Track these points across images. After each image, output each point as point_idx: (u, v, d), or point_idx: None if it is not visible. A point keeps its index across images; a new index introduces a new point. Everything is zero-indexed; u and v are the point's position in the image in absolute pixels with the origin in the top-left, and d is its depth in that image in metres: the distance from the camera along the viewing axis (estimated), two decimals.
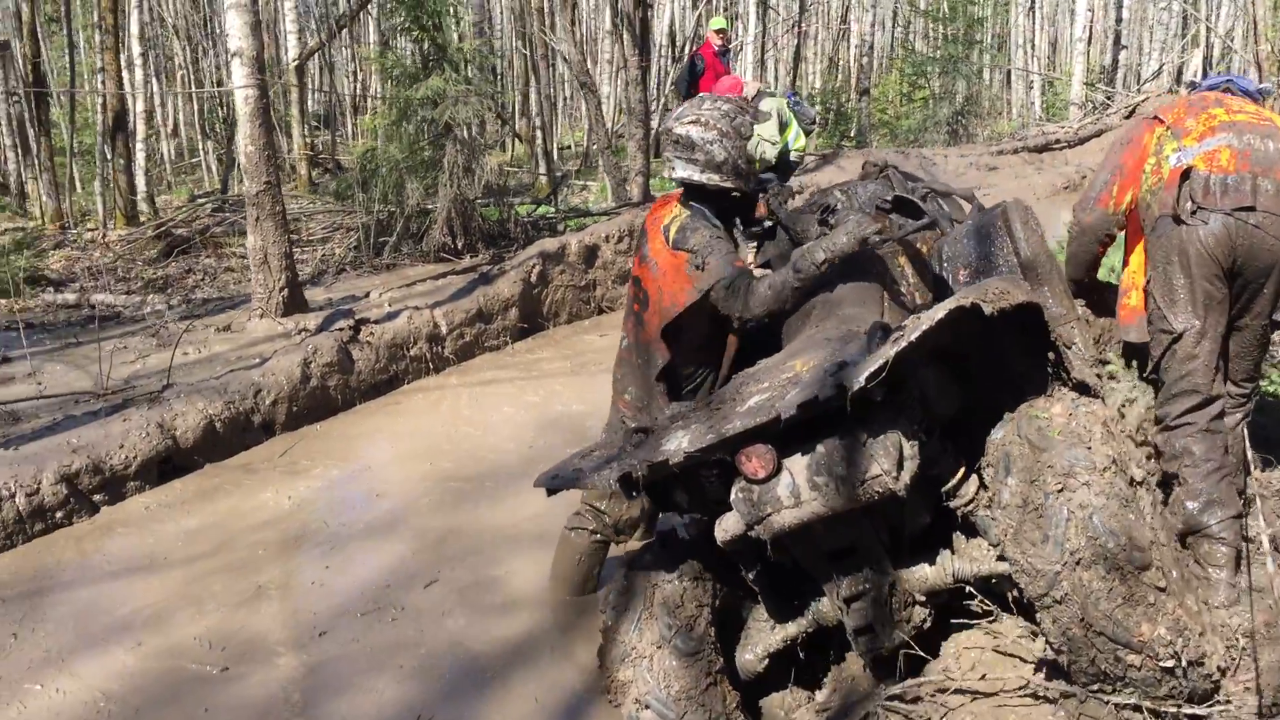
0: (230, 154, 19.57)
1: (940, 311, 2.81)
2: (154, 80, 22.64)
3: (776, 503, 3.00)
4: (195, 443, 6.19)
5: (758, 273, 3.86)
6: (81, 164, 17.81)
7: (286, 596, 4.79)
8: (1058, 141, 17.59)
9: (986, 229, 3.70)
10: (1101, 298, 4.47)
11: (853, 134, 21.24)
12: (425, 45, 10.50)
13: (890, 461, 2.93)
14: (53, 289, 10.53)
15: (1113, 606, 2.85)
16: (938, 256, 3.96)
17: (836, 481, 2.95)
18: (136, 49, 17.74)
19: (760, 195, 4.23)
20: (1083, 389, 3.26)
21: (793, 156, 8.06)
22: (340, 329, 7.41)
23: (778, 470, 3.01)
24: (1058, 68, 31.79)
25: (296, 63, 18.36)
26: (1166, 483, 3.81)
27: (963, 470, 3.28)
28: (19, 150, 17.06)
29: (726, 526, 3.18)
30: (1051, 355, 3.29)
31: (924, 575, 3.37)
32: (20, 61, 16.25)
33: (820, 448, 2.99)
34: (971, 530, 3.32)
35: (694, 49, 16.22)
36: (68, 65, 17.47)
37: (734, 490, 3.10)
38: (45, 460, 5.52)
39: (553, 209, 12.93)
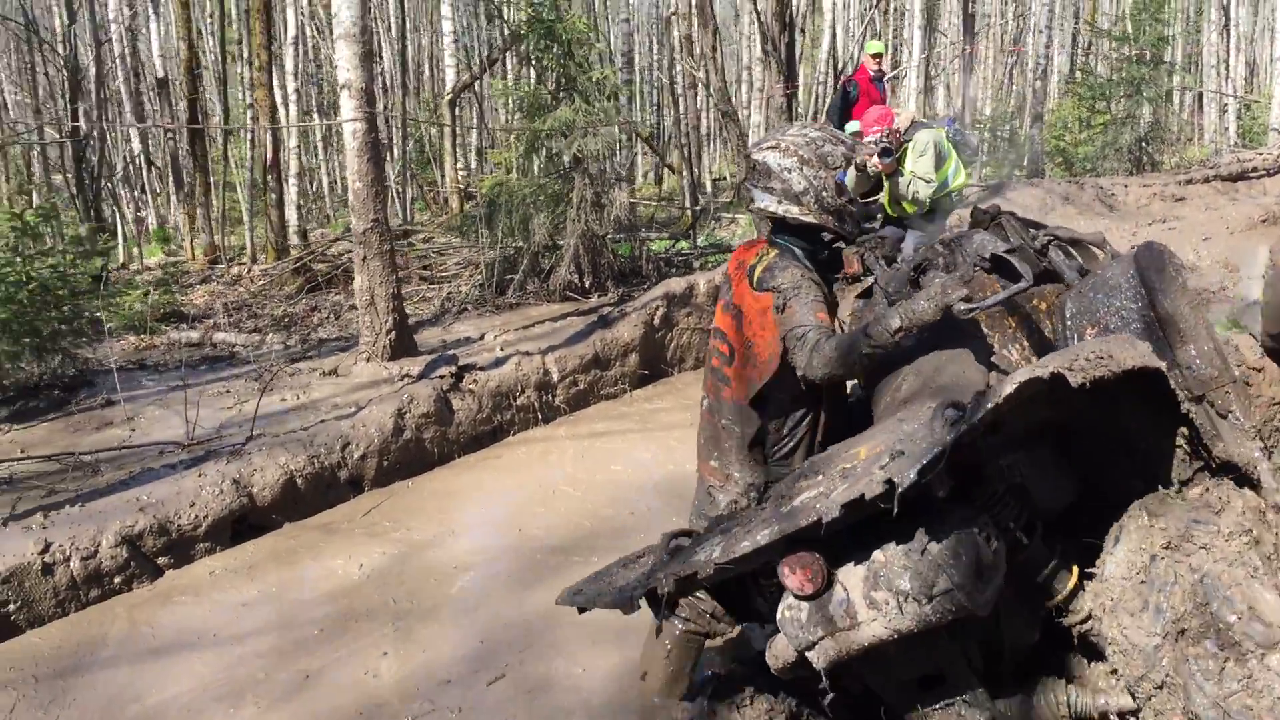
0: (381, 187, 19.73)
1: (1009, 386, 2.38)
2: (315, 114, 23.16)
3: (829, 624, 2.56)
4: (273, 500, 5.78)
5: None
6: (235, 199, 18.18)
7: (333, 690, 4.25)
8: (1254, 169, 15.97)
9: (1117, 279, 3.04)
10: None
11: (1024, 163, 19.94)
12: (556, 75, 10.06)
13: (964, 573, 2.46)
14: (185, 325, 10.47)
15: (1225, 693, 2.33)
16: (1060, 314, 3.21)
17: (899, 598, 2.48)
18: (291, 85, 18.10)
19: (855, 247, 3.54)
20: (1231, 471, 2.67)
21: (953, 194, 7.18)
22: (440, 376, 6.94)
23: (829, 584, 2.58)
24: (1256, 90, 29.48)
25: (449, 96, 18.37)
26: None
27: (1076, 577, 2.77)
28: (173, 186, 17.51)
29: (777, 652, 2.76)
30: (1186, 430, 2.73)
31: (1031, 709, 2.78)
32: (177, 98, 16.66)
33: (879, 555, 2.54)
34: (1094, 652, 2.81)
35: (848, 74, 15.45)
36: (219, 100, 17.86)
37: (780, 608, 2.67)
38: (107, 520, 5.18)
39: (691, 245, 12.30)
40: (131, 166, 20.10)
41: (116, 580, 5.10)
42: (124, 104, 18.45)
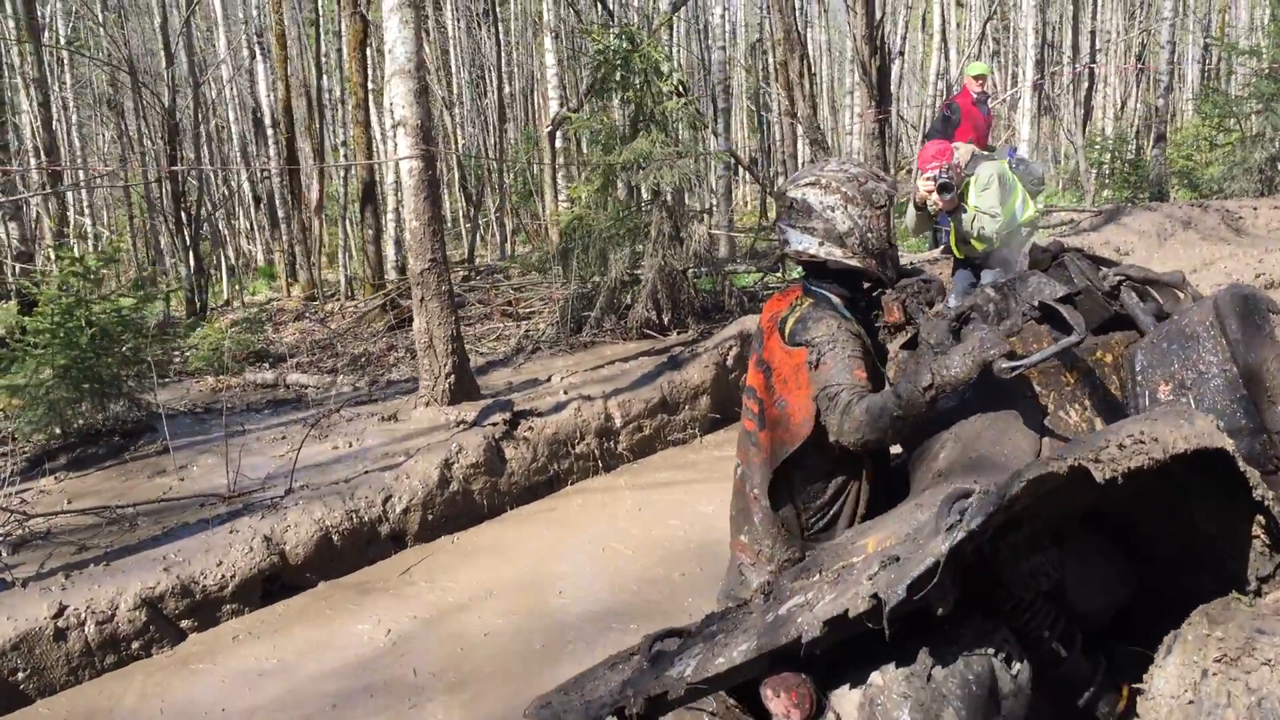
0: (475, 221, 19.76)
1: (1016, 484, 2.01)
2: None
3: None
4: (306, 558, 5.51)
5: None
6: (331, 236, 18.36)
7: None
8: None
9: (1194, 328, 2.62)
10: None
11: (1146, 185, 18.92)
12: (634, 106, 9.74)
13: (974, 706, 2.11)
14: (265, 365, 10.43)
15: None
16: (1129, 367, 2.72)
17: None
18: (389, 121, 18.20)
19: (894, 294, 3.10)
20: None
21: (1024, 227, 6.60)
22: (494, 423, 6.62)
23: (819, 710, 2.24)
24: None
25: (549, 128, 18.27)
26: None
27: (1126, 697, 2.41)
28: (269, 224, 17.73)
29: None
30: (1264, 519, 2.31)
31: None
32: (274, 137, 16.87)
33: (877, 679, 2.19)
34: None
35: (948, 96, 14.83)
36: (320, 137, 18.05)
37: None
38: (128, 581, 4.97)
39: (781, 277, 11.82)
40: (237, 204, 20.54)
41: (134, 645, 4.88)
42: (228, 143, 18.83)
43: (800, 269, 3.23)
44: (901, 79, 23.78)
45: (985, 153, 7.04)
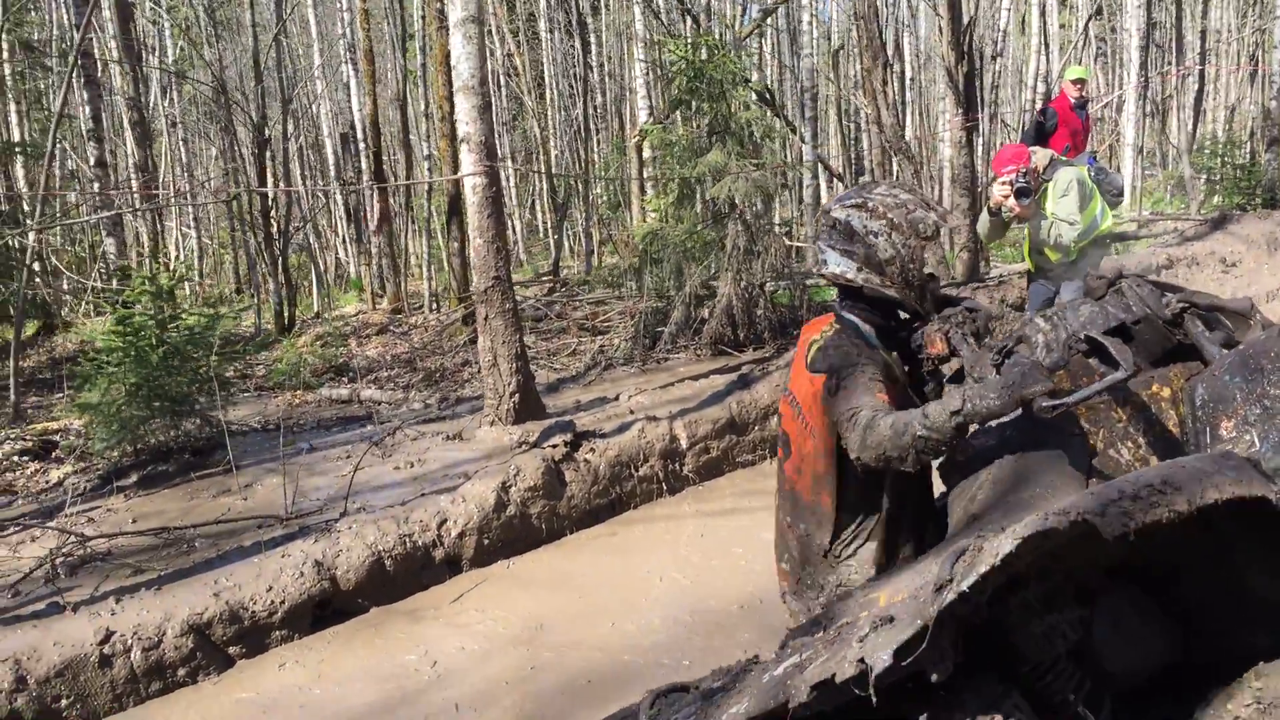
0: (562, 233, 19.73)
1: (1009, 543, 1.84)
2: (508, 160, 23.48)
3: None
4: (358, 584, 5.44)
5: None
6: (418, 249, 18.51)
7: None
8: None
9: (1258, 359, 2.40)
10: None
11: (1258, 192, 18.06)
12: (710, 118, 9.55)
13: None
14: (342, 380, 10.48)
15: None
16: (1190, 401, 2.46)
17: None
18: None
19: (938, 324, 2.90)
20: None
21: (1101, 237, 6.22)
22: (554, 445, 6.48)
23: None
24: None
25: (636, 139, 18.19)
26: None
27: None
28: (358, 238, 17.94)
29: None
30: None
31: None
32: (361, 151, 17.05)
33: None
34: None
35: (1044, 102, 14.32)
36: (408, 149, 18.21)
37: None
38: (176, 606, 4.94)
39: None
40: (327, 219, 20.87)
41: (181, 672, 4.84)
42: (321, 158, 19.12)
43: (835, 290, 3.08)
44: (999, 81, 23.09)
45: (1066, 160, 6.68)
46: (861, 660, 1.87)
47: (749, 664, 2.65)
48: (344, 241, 22.00)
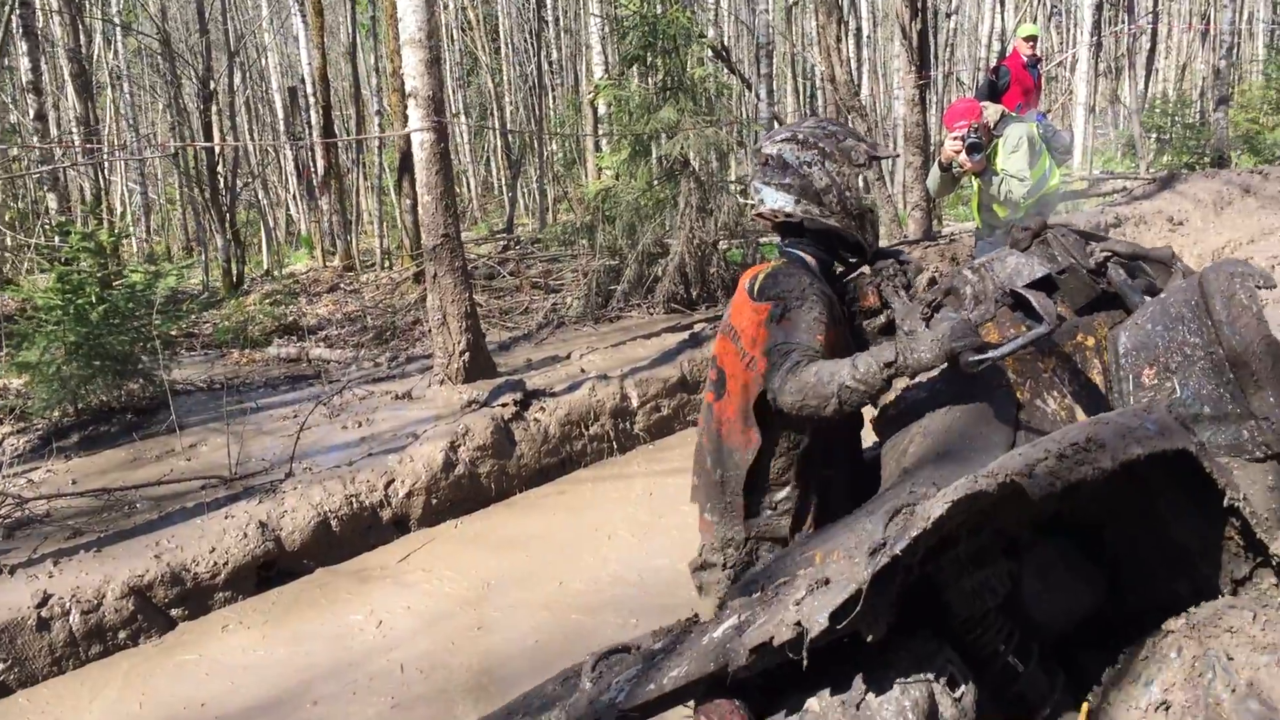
0: (516, 190, 19.55)
1: (939, 506, 1.86)
2: (462, 115, 23.17)
3: None
4: (304, 544, 5.39)
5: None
6: (370, 205, 18.27)
7: None
8: None
9: (1179, 308, 2.41)
10: None
11: (1207, 151, 18.23)
12: (662, 74, 9.46)
13: None
14: (294, 339, 10.34)
15: None
16: (1112, 350, 2.47)
17: None
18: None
19: (869, 277, 2.88)
20: None
21: (1047, 196, 6.24)
22: (504, 404, 6.44)
23: None
24: None
25: (590, 96, 18.01)
26: None
27: (1085, 715, 2.24)
28: (308, 194, 17.68)
29: None
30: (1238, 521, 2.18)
31: None
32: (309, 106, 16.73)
33: (814, 704, 2.08)
34: None
35: (997, 60, 14.33)
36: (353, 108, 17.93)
37: None
38: (116, 568, 4.87)
39: None
40: (277, 176, 20.52)
41: (121, 635, 4.77)
42: (271, 113, 18.77)
43: (776, 240, 3.02)
44: (954, 40, 23.07)
45: (1016, 116, 6.67)
46: (798, 624, 1.88)
47: (689, 624, 2.64)
48: (295, 198, 21.65)
